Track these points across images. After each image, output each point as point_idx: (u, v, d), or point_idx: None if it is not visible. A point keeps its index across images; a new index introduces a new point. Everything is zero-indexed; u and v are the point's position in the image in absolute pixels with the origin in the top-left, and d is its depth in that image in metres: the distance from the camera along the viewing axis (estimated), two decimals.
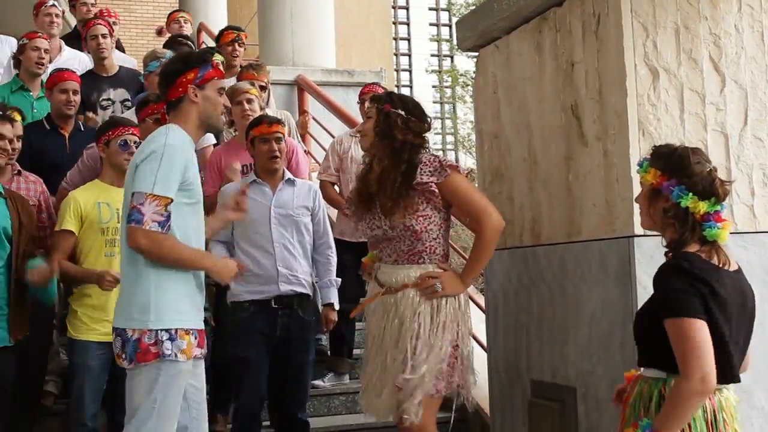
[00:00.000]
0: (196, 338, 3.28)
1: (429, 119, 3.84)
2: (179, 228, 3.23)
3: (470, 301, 5.80)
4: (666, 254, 2.76)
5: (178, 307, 3.23)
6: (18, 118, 4.51)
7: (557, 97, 3.82)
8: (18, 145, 4.54)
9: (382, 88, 6.11)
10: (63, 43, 6.78)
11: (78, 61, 6.62)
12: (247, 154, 4.77)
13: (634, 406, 2.69)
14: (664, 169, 2.67)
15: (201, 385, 3.41)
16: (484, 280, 4.48)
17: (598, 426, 3.49)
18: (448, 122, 40.64)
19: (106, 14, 7.18)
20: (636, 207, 3.34)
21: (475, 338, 5.24)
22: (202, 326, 3.36)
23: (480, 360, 4.66)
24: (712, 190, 2.64)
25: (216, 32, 11.43)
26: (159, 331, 3.16)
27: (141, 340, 3.15)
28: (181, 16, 8.33)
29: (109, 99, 6.14)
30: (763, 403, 3.46)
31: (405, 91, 48.89)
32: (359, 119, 7.92)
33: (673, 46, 3.47)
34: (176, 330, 3.19)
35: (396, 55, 42.04)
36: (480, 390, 4.80)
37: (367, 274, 3.90)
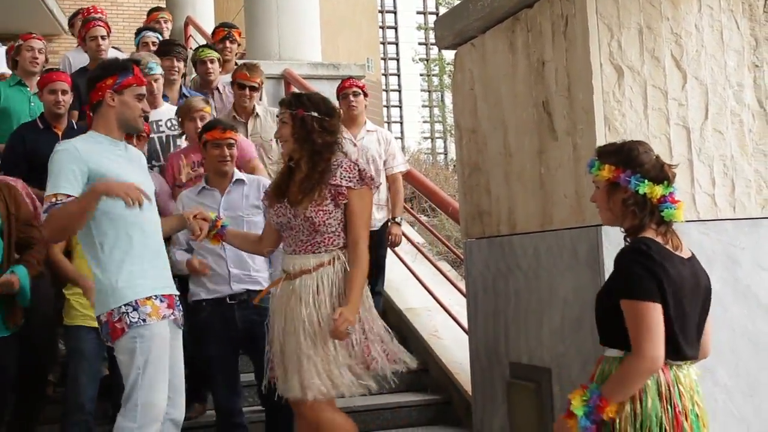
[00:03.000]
0: (162, 301, 3.57)
1: (339, 113, 4.09)
2: (110, 214, 3.51)
3: (454, 288, 6.06)
4: (625, 239, 2.98)
5: (131, 282, 3.53)
6: None
7: (530, 94, 4.02)
8: None
9: (358, 84, 6.23)
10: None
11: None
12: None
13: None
14: (617, 163, 2.89)
15: (174, 363, 3.68)
16: (464, 267, 4.69)
17: None
18: (436, 110, 40.81)
19: (93, 11, 7.30)
20: None
21: (458, 323, 5.51)
22: (168, 291, 3.65)
23: (463, 344, 4.89)
24: (663, 174, 2.88)
25: (203, 25, 11.66)
26: (121, 308, 3.48)
27: (109, 321, 3.50)
28: (162, 17, 8.29)
29: None
30: (726, 380, 3.67)
31: (392, 80, 49.08)
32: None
33: (636, 45, 3.67)
34: (136, 300, 3.50)
35: (383, 44, 42.15)
36: (464, 373, 5.04)
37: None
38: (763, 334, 3.78)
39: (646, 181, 2.86)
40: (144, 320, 3.49)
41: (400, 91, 45.66)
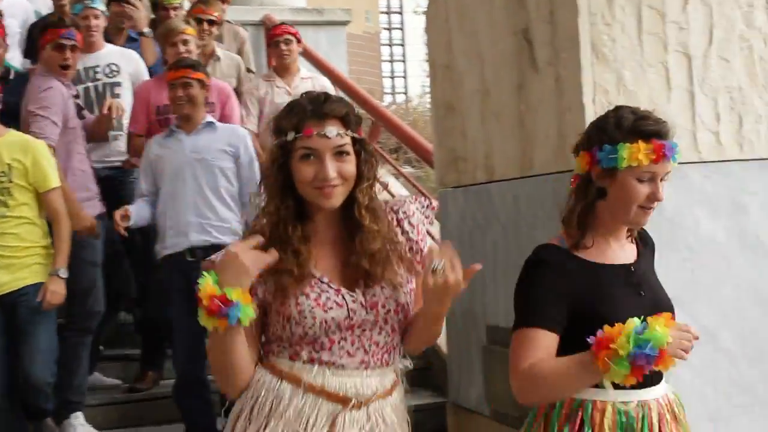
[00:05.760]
0: None
1: None
2: None
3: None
4: None
5: None
6: None
7: (508, 21, 3.53)
8: None
9: (290, 31, 5.71)
10: None
11: None
12: None
13: None
14: None
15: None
16: (440, 220, 4.23)
17: None
18: None
19: None
20: None
21: None
22: None
23: None
24: None
25: None
26: None
27: None
28: None
29: None
30: (729, 344, 3.23)
31: (395, 34, 47.92)
32: (329, 61, 7.56)
33: None
34: None
35: None
36: (444, 337, 4.60)
37: None
38: None
39: None
40: None
41: (403, 45, 44.84)
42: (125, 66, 5.13)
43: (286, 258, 2.01)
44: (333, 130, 2.01)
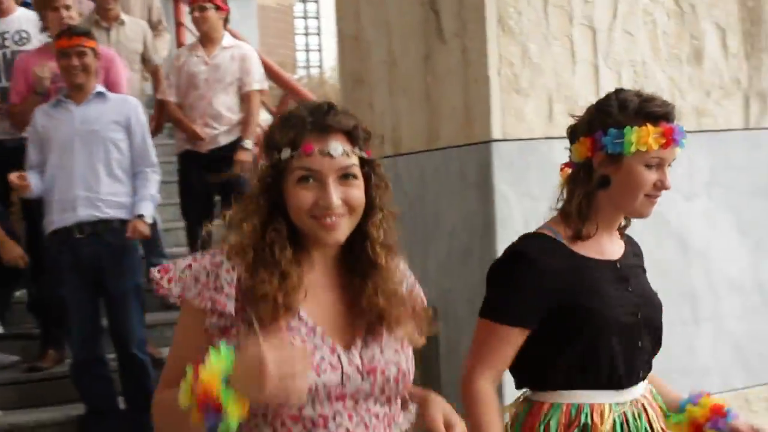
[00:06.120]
0: None
1: None
2: None
3: None
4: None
5: None
6: None
7: None
8: None
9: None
10: None
11: None
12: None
13: None
14: None
15: None
16: None
17: (458, 346, 3.26)
18: None
19: None
20: (495, 110, 3.08)
21: None
22: None
23: None
24: None
25: None
26: None
27: None
28: None
29: None
30: None
31: (310, 7, 47.54)
32: (240, 33, 7.40)
33: None
34: None
35: None
36: None
37: None
38: (673, 265, 3.37)
39: None
40: None
41: (318, 18, 44.48)
42: (36, 32, 4.93)
43: (269, 280, 1.59)
44: (338, 147, 1.65)
